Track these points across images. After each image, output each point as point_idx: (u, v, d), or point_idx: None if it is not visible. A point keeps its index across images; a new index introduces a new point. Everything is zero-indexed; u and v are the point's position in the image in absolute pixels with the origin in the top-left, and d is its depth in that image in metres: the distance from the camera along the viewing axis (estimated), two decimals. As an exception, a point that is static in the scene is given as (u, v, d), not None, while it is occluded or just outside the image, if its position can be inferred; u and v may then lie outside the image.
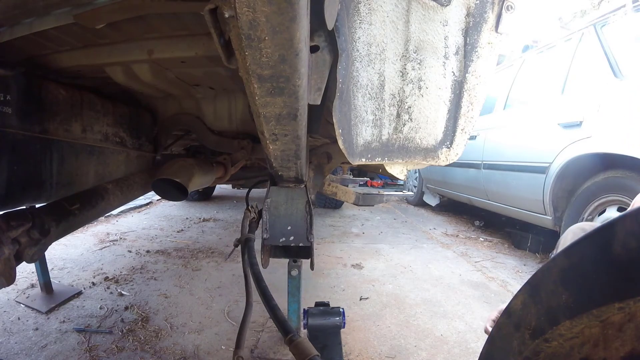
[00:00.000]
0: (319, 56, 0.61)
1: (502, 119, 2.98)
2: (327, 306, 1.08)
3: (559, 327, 0.21)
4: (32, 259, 0.75)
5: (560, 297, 0.21)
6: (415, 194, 4.94)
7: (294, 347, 0.65)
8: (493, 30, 0.85)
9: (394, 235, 3.25)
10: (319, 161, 1.42)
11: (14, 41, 0.78)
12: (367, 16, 0.71)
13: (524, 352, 0.24)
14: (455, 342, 1.44)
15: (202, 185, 1.25)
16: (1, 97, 0.84)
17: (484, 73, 0.88)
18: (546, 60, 2.75)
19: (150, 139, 1.43)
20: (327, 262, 2.38)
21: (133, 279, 1.95)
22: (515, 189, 2.64)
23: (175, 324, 1.50)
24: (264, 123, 0.53)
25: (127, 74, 1.03)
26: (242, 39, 0.34)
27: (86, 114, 1.10)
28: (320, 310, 1.06)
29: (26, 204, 0.95)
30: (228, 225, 3.35)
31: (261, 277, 0.82)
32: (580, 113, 2.05)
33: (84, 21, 0.72)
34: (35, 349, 1.27)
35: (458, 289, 2.00)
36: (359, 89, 0.76)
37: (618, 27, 2.08)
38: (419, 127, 0.88)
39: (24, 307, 1.56)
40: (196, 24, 0.82)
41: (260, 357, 1.29)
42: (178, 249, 2.52)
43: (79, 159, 1.09)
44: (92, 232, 2.83)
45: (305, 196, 0.99)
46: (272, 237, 1.00)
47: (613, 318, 0.19)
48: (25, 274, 1.86)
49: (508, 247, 2.99)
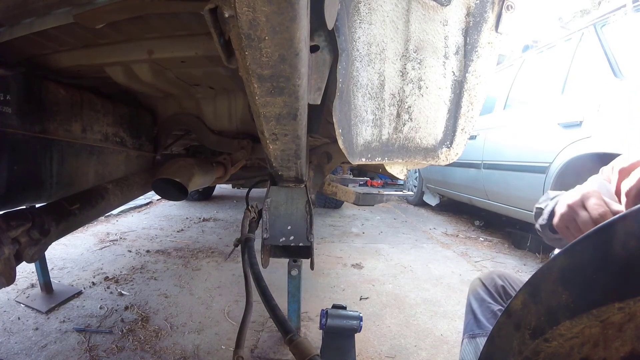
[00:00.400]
0: (319, 56, 0.61)
1: (502, 118, 2.98)
2: (344, 309, 1.09)
3: (559, 327, 0.21)
4: (32, 259, 0.75)
5: (560, 297, 0.21)
6: (415, 194, 4.94)
7: (294, 347, 0.65)
8: (493, 30, 0.85)
9: (394, 235, 3.25)
10: (319, 161, 1.42)
11: (14, 41, 0.78)
12: (367, 16, 0.71)
13: (524, 352, 0.24)
14: (456, 342, 1.44)
15: (202, 185, 1.25)
16: (1, 97, 0.84)
17: (484, 73, 0.88)
18: (546, 60, 2.75)
19: (150, 139, 1.43)
20: (327, 262, 2.38)
21: (133, 278, 1.95)
22: (515, 188, 2.64)
23: (175, 323, 1.50)
24: (264, 123, 0.53)
25: (127, 74, 1.03)
26: (242, 39, 0.34)
27: (86, 114, 1.10)
28: (340, 313, 1.07)
29: (26, 204, 0.95)
30: (228, 225, 3.35)
31: (261, 277, 0.82)
32: (580, 113, 2.04)
33: (84, 21, 0.72)
34: (35, 348, 1.27)
35: (458, 289, 2.00)
36: (359, 88, 0.76)
37: (618, 27, 2.08)
38: (419, 126, 0.88)
39: (24, 307, 1.57)
40: (196, 24, 0.82)
41: (260, 357, 1.29)
42: (178, 249, 2.52)
43: (79, 159, 1.09)
44: (92, 232, 2.83)
45: (305, 196, 0.99)
46: (272, 236, 1.00)
47: (613, 318, 0.19)
48: (25, 273, 1.86)
49: (508, 247, 2.99)
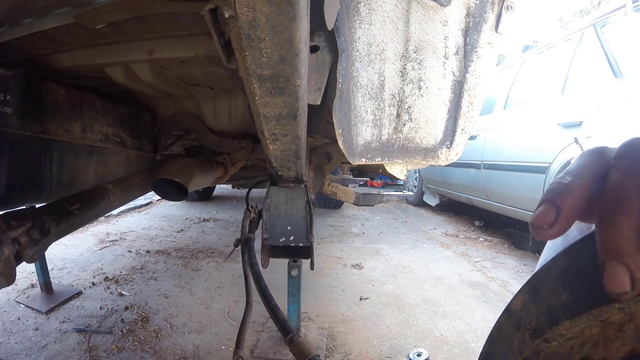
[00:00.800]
0: (319, 56, 0.61)
1: (502, 119, 2.98)
2: None
3: (559, 327, 0.21)
4: (32, 259, 0.75)
5: (560, 297, 0.21)
6: (415, 194, 4.94)
7: (294, 347, 0.65)
8: (493, 30, 0.85)
9: (394, 235, 3.25)
10: (319, 161, 1.42)
11: (14, 41, 0.78)
12: (367, 16, 0.71)
13: (524, 352, 0.24)
14: (455, 342, 1.44)
15: (202, 185, 1.25)
16: (1, 97, 0.84)
17: (484, 73, 0.88)
18: (546, 60, 2.76)
19: (150, 139, 1.43)
20: (327, 262, 2.38)
21: (133, 279, 1.95)
22: (515, 189, 2.64)
23: (175, 324, 1.50)
24: (264, 123, 0.53)
25: (127, 74, 1.03)
26: (242, 39, 0.34)
27: (86, 114, 1.10)
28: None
29: (26, 204, 0.95)
30: (228, 225, 3.35)
31: (261, 277, 0.82)
32: (580, 113, 2.05)
33: (84, 21, 0.72)
34: (35, 349, 1.27)
35: (458, 289, 2.00)
36: (359, 89, 0.76)
37: (618, 27, 2.08)
38: (419, 127, 0.88)
39: (24, 307, 1.56)
40: (196, 24, 0.82)
41: (260, 357, 1.29)
42: (178, 249, 2.52)
43: (79, 159, 1.09)
44: (92, 232, 2.83)
45: (305, 196, 0.99)
46: (272, 237, 1.00)
47: (613, 318, 0.19)
48: (25, 274, 1.86)
49: (508, 247, 2.99)
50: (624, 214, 0.17)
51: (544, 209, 0.20)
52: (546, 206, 0.20)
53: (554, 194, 0.20)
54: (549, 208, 0.20)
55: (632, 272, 0.16)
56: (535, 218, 0.20)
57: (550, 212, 0.20)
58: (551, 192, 0.20)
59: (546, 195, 0.21)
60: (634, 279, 0.16)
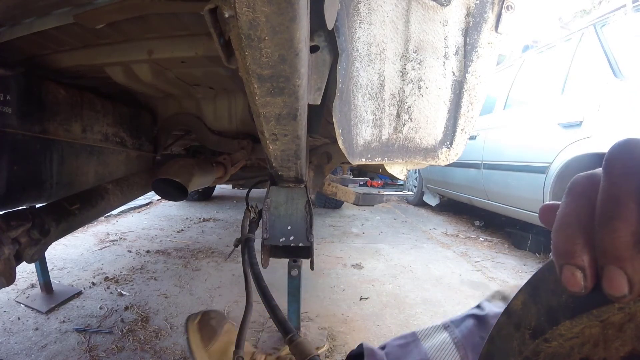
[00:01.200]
0: (319, 56, 0.61)
1: (502, 119, 2.98)
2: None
3: (559, 327, 0.21)
4: (32, 259, 0.75)
5: (560, 297, 0.21)
6: (415, 194, 4.94)
7: (294, 347, 0.65)
8: (493, 30, 0.85)
9: (394, 235, 3.25)
10: (319, 161, 1.42)
11: (14, 41, 0.78)
12: (367, 16, 0.71)
13: (524, 352, 0.24)
14: (455, 342, 1.44)
15: (202, 185, 1.25)
16: (1, 97, 0.84)
17: (484, 73, 0.88)
18: (546, 60, 2.76)
19: (150, 139, 1.43)
20: (327, 262, 2.38)
21: (133, 279, 1.95)
22: (515, 189, 2.64)
23: (175, 324, 1.50)
24: (264, 123, 0.53)
25: (127, 74, 1.03)
26: (242, 39, 0.34)
27: (86, 114, 1.10)
28: None
29: (26, 204, 0.95)
30: (228, 225, 3.35)
31: (261, 277, 0.82)
32: (580, 113, 2.05)
33: (84, 21, 0.72)
34: (35, 349, 1.27)
35: (458, 289, 2.00)
36: (359, 89, 0.76)
37: (618, 27, 2.08)
38: (419, 127, 0.88)
39: (24, 307, 1.57)
40: (196, 24, 0.82)
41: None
42: (178, 249, 2.52)
43: (79, 159, 1.09)
44: (92, 232, 2.83)
45: (305, 196, 0.99)
46: (272, 237, 1.00)
47: (613, 318, 0.19)
48: (25, 274, 1.86)
49: (508, 247, 2.99)
50: (621, 218, 0.17)
51: (569, 276, 0.19)
52: (569, 271, 0.19)
53: (568, 256, 0.19)
54: (574, 272, 0.19)
55: (629, 276, 0.17)
56: (569, 287, 0.19)
57: (577, 276, 0.19)
58: (563, 253, 0.20)
59: (560, 256, 0.20)
60: (631, 283, 0.17)
